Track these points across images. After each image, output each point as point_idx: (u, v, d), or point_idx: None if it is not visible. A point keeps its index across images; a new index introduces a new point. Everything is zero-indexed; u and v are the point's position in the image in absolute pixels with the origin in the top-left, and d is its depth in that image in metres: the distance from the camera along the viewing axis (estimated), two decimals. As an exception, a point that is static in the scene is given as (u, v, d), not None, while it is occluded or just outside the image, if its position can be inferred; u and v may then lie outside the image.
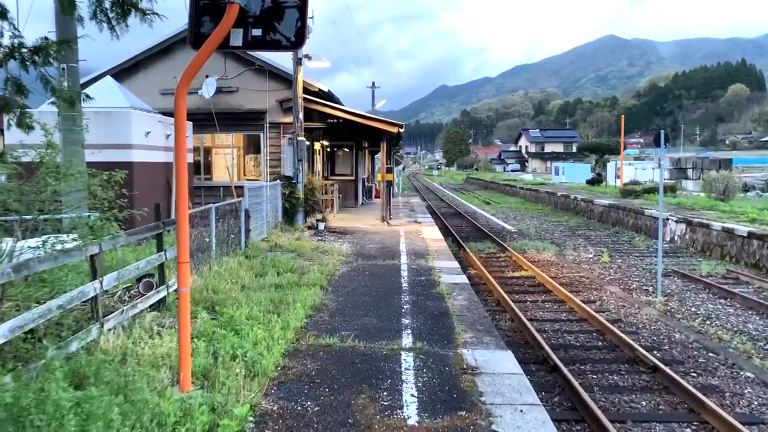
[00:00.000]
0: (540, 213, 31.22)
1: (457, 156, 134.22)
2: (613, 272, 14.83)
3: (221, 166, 18.31)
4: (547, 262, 16.12)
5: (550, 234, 22.38)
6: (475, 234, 22.19)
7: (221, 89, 16.31)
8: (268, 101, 16.12)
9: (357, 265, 10.02)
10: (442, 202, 39.96)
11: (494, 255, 17.25)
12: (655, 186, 28.53)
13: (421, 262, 10.46)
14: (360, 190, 24.36)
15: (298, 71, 14.53)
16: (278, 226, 13.84)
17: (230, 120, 16.43)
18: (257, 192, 12.05)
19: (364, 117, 15.63)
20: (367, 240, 13.40)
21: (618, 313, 10.87)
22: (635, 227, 22.40)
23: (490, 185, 59.17)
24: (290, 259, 10.05)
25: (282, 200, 14.26)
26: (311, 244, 12.06)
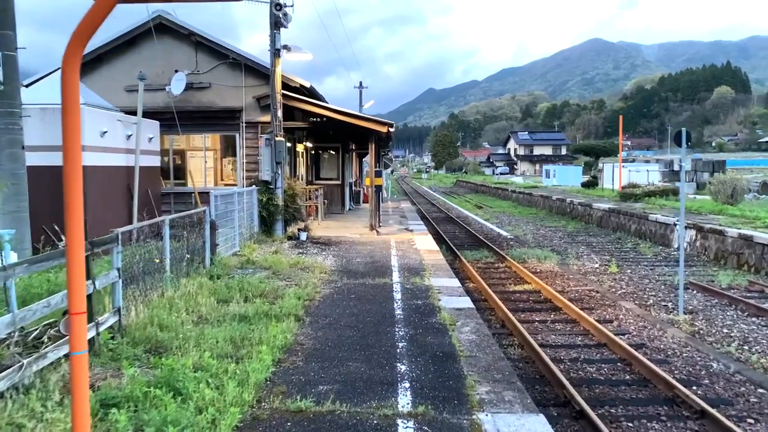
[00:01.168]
0: (535, 217, 29.90)
1: (445, 159, 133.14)
2: (625, 285, 13.47)
3: (197, 170, 16.77)
4: (551, 273, 14.75)
5: (548, 241, 21.02)
6: (469, 241, 20.80)
7: (192, 85, 14.78)
8: (244, 98, 14.62)
9: (342, 286, 8.54)
10: (432, 207, 38.55)
11: (492, 265, 15.87)
12: (656, 189, 27.34)
13: (416, 281, 9.00)
14: (347, 195, 22.88)
15: (277, 64, 13.04)
16: (254, 237, 12.34)
17: (202, 119, 14.91)
18: (228, 199, 10.54)
19: (351, 115, 14.19)
20: (354, 252, 11.92)
21: (640, 336, 9.50)
22: (639, 233, 21.11)
23: (481, 188, 57.90)
24: (263, 279, 8.55)
25: (258, 208, 12.76)
26: (290, 258, 10.56)
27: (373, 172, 15.04)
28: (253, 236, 12.30)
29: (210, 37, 14.56)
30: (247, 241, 11.78)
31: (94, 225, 9.19)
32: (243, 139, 14.73)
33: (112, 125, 11.88)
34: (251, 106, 14.62)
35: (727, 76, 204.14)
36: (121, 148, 12.27)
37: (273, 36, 12.67)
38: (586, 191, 34.63)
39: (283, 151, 12.89)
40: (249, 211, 12.52)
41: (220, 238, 10.12)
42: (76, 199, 2.66)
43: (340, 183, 21.96)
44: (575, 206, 28.34)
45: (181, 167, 16.82)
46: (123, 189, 12.34)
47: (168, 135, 15.36)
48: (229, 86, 14.68)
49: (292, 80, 14.08)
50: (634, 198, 26.38)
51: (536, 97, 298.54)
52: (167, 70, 14.87)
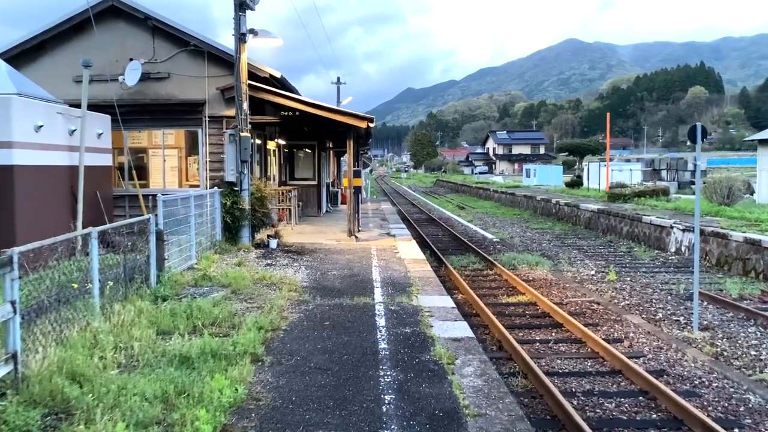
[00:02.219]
0: (520, 219, 28.78)
1: (424, 158, 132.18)
2: (627, 295, 12.28)
3: (160, 170, 15.21)
4: (545, 282, 13.54)
5: (537, 244, 19.85)
6: (454, 245, 19.55)
7: (149, 75, 13.24)
8: (207, 90, 13.13)
9: (314, 308, 7.14)
10: (413, 207, 37.27)
11: (480, 272, 14.62)
12: (646, 189, 26.37)
13: (402, 300, 7.63)
14: (324, 197, 21.44)
15: (242, 50, 11.58)
16: (216, 246, 10.87)
17: (161, 113, 13.38)
18: (182, 204, 9.07)
19: (327, 109, 12.78)
20: (330, 263, 10.52)
21: (657, 359, 8.28)
22: (631, 236, 20.04)
23: (462, 188, 56.81)
24: (219, 300, 7.12)
25: (221, 213, 11.30)
26: (255, 272, 9.12)
27: (351, 172, 13.65)
28: (214, 245, 10.83)
29: (169, 22, 13.05)
30: (207, 251, 10.31)
31: (28, 234, 7.70)
32: (206, 135, 13.24)
33: (50, 119, 10.31)
34: (215, 99, 13.14)
35: (701, 76, 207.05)
36: (63, 145, 10.71)
37: (237, 19, 11.23)
38: (571, 191, 33.64)
39: (250, 149, 11.44)
40: (211, 216, 11.05)
41: (172, 250, 8.65)
42: None
43: (316, 183, 20.53)
44: (561, 207, 27.27)
45: (142, 167, 15.25)
46: (65, 192, 10.78)
47: (122, 131, 13.78)
48: (191, 76, 13.18)
49: (260, 69, 12.62)
50: (623, 198, 25.36)
51: (513, 97, 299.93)
52: (121, 58, 13.31)
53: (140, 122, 13.54)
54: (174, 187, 14.84)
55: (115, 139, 14.34)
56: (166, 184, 14.82)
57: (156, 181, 15.05)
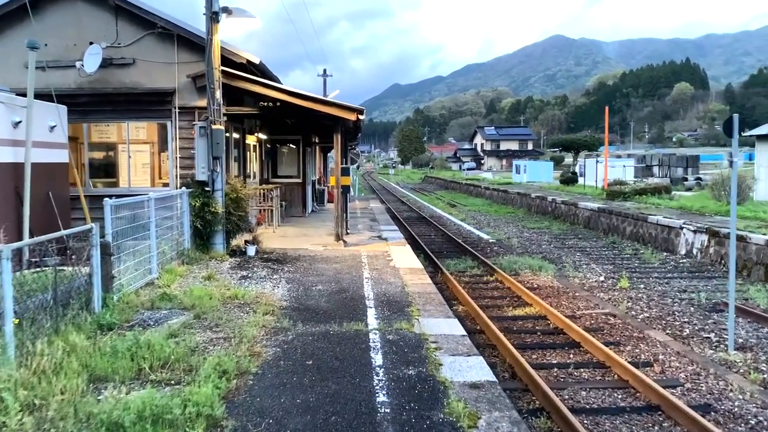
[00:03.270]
0: (514, 217, 27.59)
1: (412, 154, 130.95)
2: (644, 305, 11.07)
3: (131, 166, 13.75)
4: (552, 290, 12.32)
5: (536, 245, 18.65)
6: (448, 246, 18.30)
7: (111, 61, 11.77)
8: (177, 78, 11.70)
9: (294, 339, 5.79)
10: (403, 205, 35.98)
11: (480, 279, 13.39)
12: (647, 186, 25.27)
13: (402, 327, 6.30)
14: (309, 196, 20.05)
15: (214, 31, 10.17)
16: (184, 255, 9.47)
17: (125, 103, 11.92)
18: (138, 208, 7.68)
19: (312, 99, 11.41)
20: (315, 274, 9.17)
21: (698, 389, 7.06)
22: (636, 236, 18.89)
23: (451, 185, 55.59)
24: (177, 330, 5.76)
25: (191, 217, 9.90)
26: (227, 287, 7.76)
27: (339, 170, 12.29)
28: (182, 254, 9.43)
29: (133, 1, 11.58)
30: (172, 262, 8.92)
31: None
32: (176, 128, 11.81)
33: (-12, 108, 8.86)
34: (186, 88, 11.72)
35: (686, 72, 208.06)
36: (5, 139, 9.25)
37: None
38: (566, 188, 32.51)
39: (223, 143, 10.04)
40: (178, 220, 9.66)
41: (128, 263, 7.27)
42: None
43: (300, 181, 19.13)
44: (558, 205, 26.11)
45: (112, 164, 13.79)
46: (9, 193, 9.33)
47: (81, 123, 12.33)
48: (159, 63, 11.73)
49: (236, 54, 11.22)
50: (622, 196, 24.24)
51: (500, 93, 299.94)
52: (80, 42, 11.84)
53: (102, 114, 12.08)
54: (146, 186, 13.40)
55: (80, 133, 12.90)
56: (136, 183, 13.37)
57: (125, 180, 13.61)
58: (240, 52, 11.36)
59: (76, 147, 13.60)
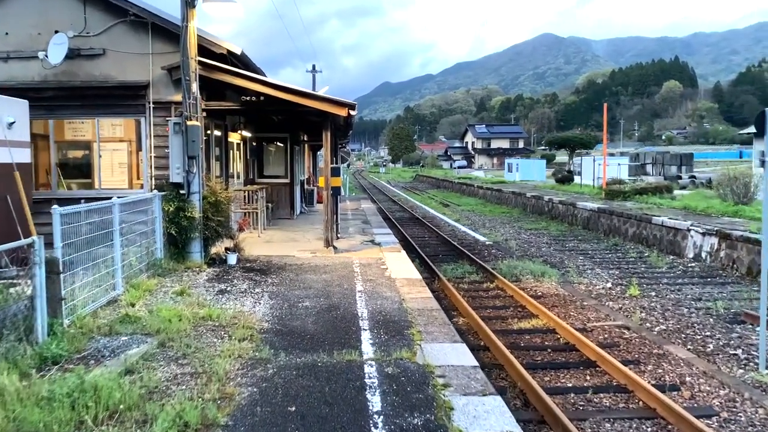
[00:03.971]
0: (510, 218, 26.76)
1: (402, 152, 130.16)
2: (659, 316, 10.23)
3: (105, 167, 12.73)
4: (557, 299, 11.48)
5: (535, 248, 17.81)
6: (444, 250, 17.42)
7: (79, 52, 10.76)
8: (151, 70, 10.71)
9: (275, 375, 4.83)
10: (394, 205, 35.08)
11: (480, 286, 12.53)
12: (647, 186, 24.50)
13: (402, 356, 5.37)
14: (297, 196, 19.08)
15: (190, 17, 9.20)
16: (155, 266, 8.49)
17: (95, 98, 10.91)
18: (97, 215, 6.70)
19: (300, 93, 10.44)
20: (302, 287, 8.22)
21: (737, 420, 6.23)
22: (639, 238, 18.09)
23: (443, 183, 54.74)
24: (135, 364, 4.82)
25: (164, 223, 8.92)
26: (199, 306, 6.80)
27: (328, 170, 11.34)
28: (154, 265, 8.45)
29: (102, -15, 10.59)
30: (141, 274, 7.94)
31: None
32: (150, 125, 10.82)
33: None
34: (161, 81, 10.73)
35: (675, 70, 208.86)
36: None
37: (184, -23, 8.86)
38: (562, 187, 31.73)
39: (200, 141, 9.06)
40: (151, 227, 8.68)
41: (87, 278, 6.30)
42: None
43: (288, 181, 18.16)
44: (555, 205, 25.29)
45: (86, 164, 12.74)
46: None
47: (47, 119, 11.31)
48: (131, 53, 10.73)
49: (215, 44, 10.24)
50: (622, 196, 23.46)
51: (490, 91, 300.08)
52: (45, 31, 10.81)
53: (69, 109, 11.05)
54: (123, 187, 12.38)
55: (55, 131, 11.87)
56: (112, 184, 12.35)
57: (103, 181, 12.59)
58: (220, 42, 10.38)
59: (47, 146, 12.64)
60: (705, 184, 37.03)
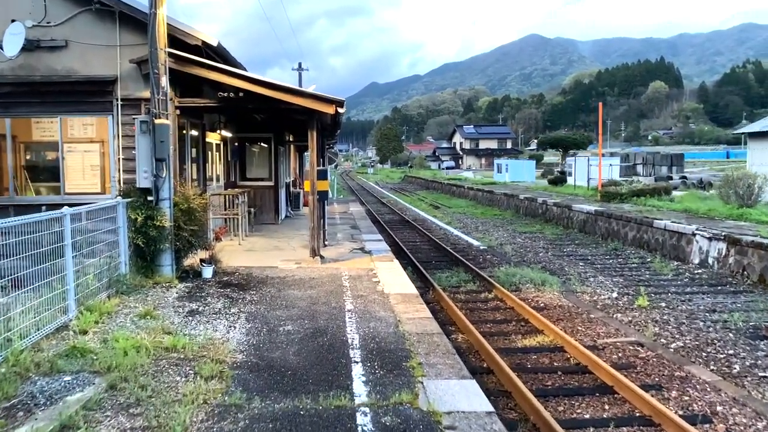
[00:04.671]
0: (503, 220, 25.96)
1: (390, 153, 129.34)
2: (674, 331, 9.43)
3: (76, 170, 11.70)
4: (562, 311, 10.67)
5: (532, 253, 17.00)
6: (437, 256, 16.56)
7: (39, 43, 9.76)
8: (119, 63, 9.74)
9: (246, 429, 3.92)
10: (383, 206, 34.19)
11: (478, 296, 11.69)
12: (645, 188, 23.79)
13: (402, 400, 4.46)
14: (282, 200, 18.12)
15: (159, 3, 8.24)
16: (119, 283, 7.52)
17: (56, 94, 9.90)
18: (43, 228, 5.74)
19: (281, 88, 9.51)
20: (283, 306, 7.29)
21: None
22: (639, 242, 17.33)
23: (432, 184, 53.93)
24: (73, 416, 3.88)
25: (130, 233, 7.96)
26: (164, 332, 5.85)
27: (314, 173, 10.42)
28: (117, 282, 7.47)
29: (64, -30, 9.59)
30: (101, 293, 6.97)
31: None
32: (118, 124, 9.83)
33: None
34: (131, 76, 9.76)
35: (661, 71, 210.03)
36: None
37: (152, -41, 7.91)
38: (555, 189, 31.00)
39: (169, 142, 8.10)
40: (115, 238, 7.72)
41: (31, 302, 5.34)
42: None
43: (272, 184, 17.19)
44: (549, 207, 24.52)
45: (55, 167, 11.69)
46: None
47: (2, 118, 10.28)
48: (97, 45, 9.75)
49: (188, 34, 9.28)
50: (619, 198, 22.72)
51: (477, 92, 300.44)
52: (1, 20, 9.79)
53: (28, 107, 10.03)
54: (95, 191, 11.34)
55: (19, 130, 10.86)
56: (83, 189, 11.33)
57: (73, 185, 11.55)
58: (194, 32, 9.42)
59: (5, 147, 11.66)
60: (696, 184, 36.54)
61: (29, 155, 11.93)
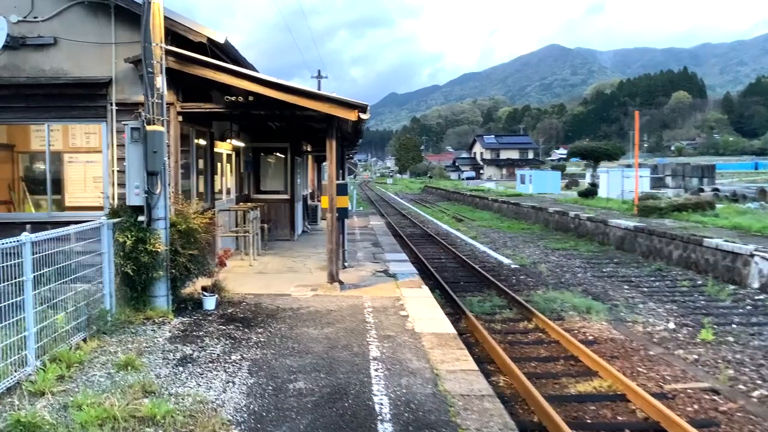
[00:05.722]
0: (531, 235, 24.51)
1: (409, 163, 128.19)
2: (753, 374, 8.01)
3: (77, 182, 10.60)
4: (615, 346, 9.30)
5: (570, 274, 15.58)
6: (465, 275, 15.24)
7: (24, 41, 8.68)
8: (115, 63, 8.62)
9: None
10: (404, 219, 32.89)
11: (515, 326, 10.36)
12: (686, 202, 22.20)
13: None
14: (299, 214, 16.91)
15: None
16: (100, 320, 6.30)
17: (43, 98, 8.79)
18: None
19: (297, 91, 8.29)
20: (295, 353, 6.01)
21: None
22: (686, 263, 15.82)
23: (454, 195, 52.50)
24: None
25: (118, 259, 6.77)
26: (144, 393, 4.61)
27: (333, 187, 9.17)
28: (99, 319, 6.26)
29: (54, -42, 8.52)
30: (76, 335, 5.76)
31: None
32: (112, 131, 8.71)
33: None
34: (127, 78, 8.64)
35: (684, 81, 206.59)
36: None
37: (147, -59, 6.77)
38: (586, 201, 29.45)
39: (163, 151, 6.89)
40: (98, 266, 6.52)
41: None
42: None
43: (288, 197, 16.00)
44: (583, 222, 23.02)
45: (55, 179, 10.60)
46: None
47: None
48: (90, 43, 8.65)
49: (191, 30, 8.14)
50: (658, 212, 21.20)
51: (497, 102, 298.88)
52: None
53: (11, 112, 8.91)
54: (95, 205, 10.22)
55: (17, 139, 9.83)
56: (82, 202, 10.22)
57: (73, 199, 10.44)
58: (198, 28, 8.26)
59: (13, 157, 10.69)
60: (730, 197, 34.60)
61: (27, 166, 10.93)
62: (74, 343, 5.59)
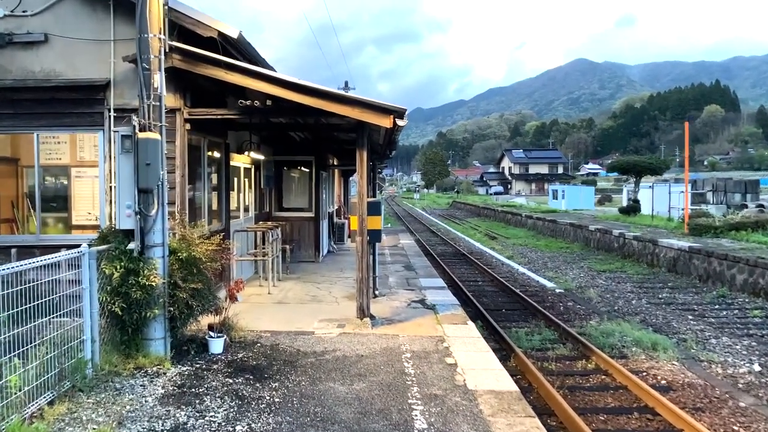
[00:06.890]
0: (571, 255, 22.88)
1: (435, 178, 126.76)
2: None
3: (85, 197, 9.51)
4: (694, 394, 7.80)
5: (623, 300, 14.02)
6: (505, 301, 13.79)
7: (11, 38, 7.59)
8: (113, 63, 7.46)
9: None
10: (434, 236, 31.44)
11: (573, 366, 8.91)
12: (744, 220, 20.37)
13: None
14: (324, 234, 15.64)
15: (151, -29, 5.94)
16: (77, 373, 5.05)
17: (32, 103, 7.67)
18: None
19: (323, 94, 7.01)
20: (317, 422, 4.60)
21: None
22: (753, 289, 14.11)
23: (484, 211, 50.87)
24: None
25: (104, 294, 5.53)
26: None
27: (364, 205, 7.85)
28: (77, 371, 5.00)
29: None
30: (42, 396, 4.52)
31: None
32: (110, 141, 7.57)
33: None
34: (127, 79, 7.49)
35: (716, 95, 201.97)
36: None
37: None
38: (628, 219, 27.68)
39: (159, 164, 5.62)
40: (77, 305, 5.30)
41: None
42: None
43: (313, 215, 14.74)
44: (629, 241, 21.32)
45: (60, 197, 9.51)
46: None
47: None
48: (85, 40, 7.54)
49: (199, 23, 6.94)
50: (713, 231, 19.46)
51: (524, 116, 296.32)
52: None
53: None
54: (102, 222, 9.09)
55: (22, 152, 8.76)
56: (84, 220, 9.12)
57: (80, 218, 9.33)
58: (208, 21, 7.07)
59: (18, 172, 9.68)
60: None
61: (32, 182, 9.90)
62: (33, 410, 4.33)
